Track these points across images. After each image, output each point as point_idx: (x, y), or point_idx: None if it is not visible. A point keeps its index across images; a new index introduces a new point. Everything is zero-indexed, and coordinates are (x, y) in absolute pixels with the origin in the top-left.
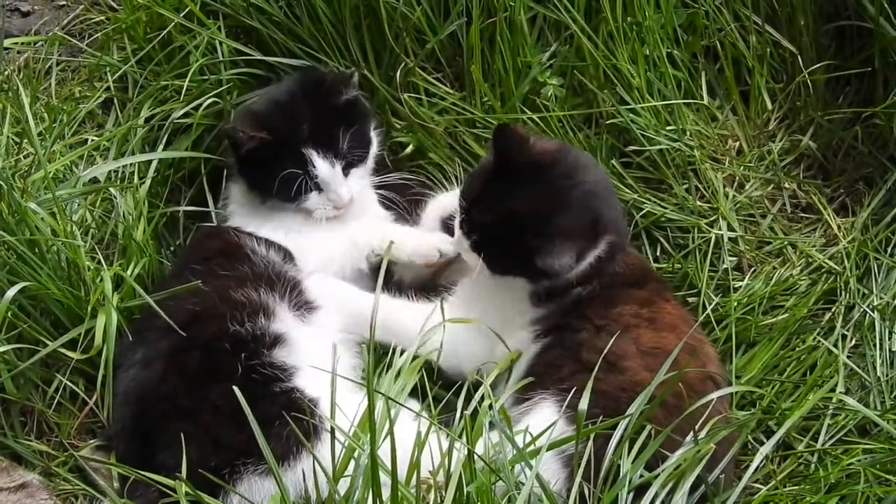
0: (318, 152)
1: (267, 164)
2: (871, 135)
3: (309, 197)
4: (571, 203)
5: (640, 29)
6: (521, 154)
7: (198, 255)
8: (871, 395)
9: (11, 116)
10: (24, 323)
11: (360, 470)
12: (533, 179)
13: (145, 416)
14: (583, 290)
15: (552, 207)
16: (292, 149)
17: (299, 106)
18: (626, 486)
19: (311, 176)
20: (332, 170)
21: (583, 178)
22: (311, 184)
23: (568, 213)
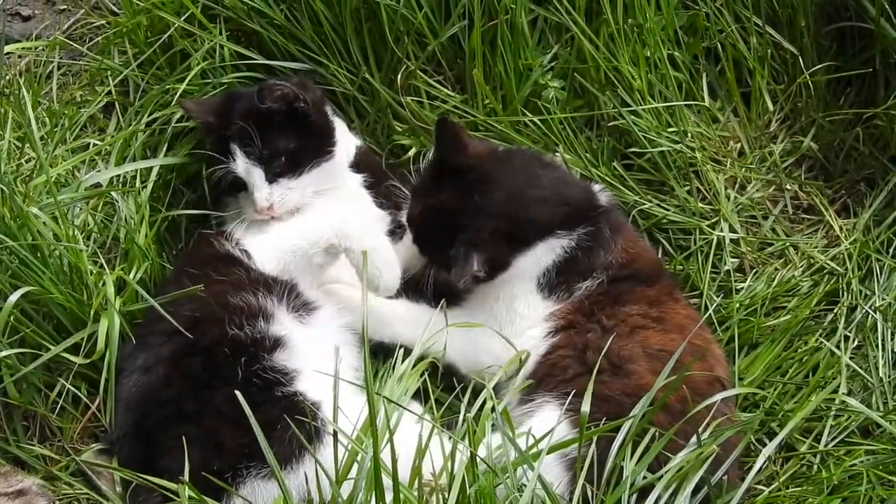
0: (241, 147)
1: (212, 159)
2: (873, 136)
3: (238, 196)
4: (487, 210)
5: (641, 31)
6: (454, 154)
7: (193, 261)
8: (874, 396)
9: (13, 121)
10: (26, 327)
11: (362, 473)
12: (457, 182)
13: (147, 420)
14: (590, 283)
15: (466, 214)
16: (223, 141)
17: (237, 104)
18: (627, 488)
19: (232, 170)
20: (249, 170)
21: (507, 185)
22: (237, 182)
23: (482, 220)
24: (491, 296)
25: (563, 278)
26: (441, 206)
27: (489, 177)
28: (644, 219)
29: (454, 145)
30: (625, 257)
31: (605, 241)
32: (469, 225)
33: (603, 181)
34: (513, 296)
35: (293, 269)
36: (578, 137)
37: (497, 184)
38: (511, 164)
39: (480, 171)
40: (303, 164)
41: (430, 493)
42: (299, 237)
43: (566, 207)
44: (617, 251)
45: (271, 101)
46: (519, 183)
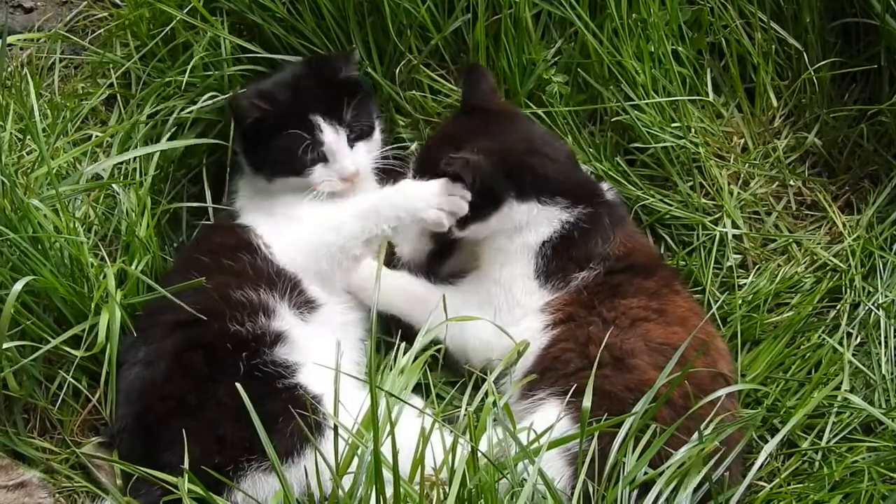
0: (325, 119)
1: (273, 136)
2: (877, 132)
3: (314, 170)
4: (495, 139)
5: (645, 25)
6: (481, 96)
7: (203, 249)
8: (876, 393)
9: (14, 113)
10: (27, 319)
11: (363, 467)
12: (479, 118)
13: (149, 414)
14: (587, 274)
15: (475, 136)
16: (299, 117)
17: (304, 82)
18: (629, 484)
19: (318, 142)
20: (337, 137)
21: (524, 130)
22: (317, 153)
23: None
24: (490, 278)
25: (560, 263)
26: (456, 130)
27: (510, 121)
28: (647, 214)
29: (483, 89)
30: (622, 250)
31: (603, 229)
32: (476, 144)
33: (606, 176)
34: (512, 279)
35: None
36: (581, 132)
37: (515, 129)
38: (533, 124)
39: (504, 115)
40: (368, 132)
41: (430, 488)
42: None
43: (570, 179)
44: (615, 244)
45: (347, 70)
46: (535, 138)
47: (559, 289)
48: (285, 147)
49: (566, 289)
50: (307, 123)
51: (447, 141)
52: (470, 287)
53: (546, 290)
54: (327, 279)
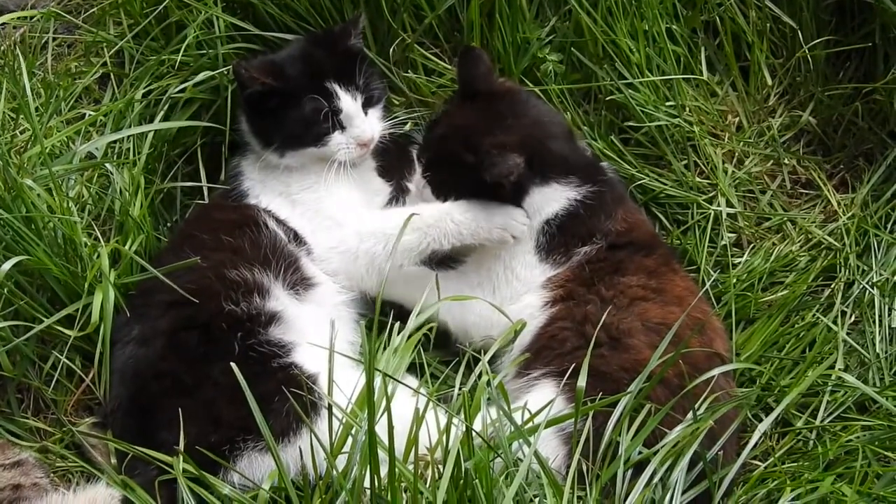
0: (341, 85)
1: (286, 107)
2: (872, 110)
3: (331, 137)
4: (513, 127)
5: (639, 4)
6: (483, 80)
7: (202, 226)
8: (871, 371)
9: (7, 92)
10: (20, 299)
11: (357, 446)
12: (486, 105)
13: (143, 393)
14: (589, 249)
15: (492, 126)
16: (314, 85)
17: (315, 52)
18: (622, 464)
19: (336, 110)
20: (354, 103)
21: (535, 113)
22: (335, 121)
23: (507, 132)
24: (490, 253)
25: (563, 239)
26: (467, 121)
27: (518, 105)
28: (641, 193)
29: (483, 72)
30: (623, 226)
31: (606, 205)
32: (497, 134)
33: (601, 155)
34: (512, 254)
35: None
36: (577, 111)
37: (526, 114)
38: (536, 102)
39: (509, 98)
40: (378, 98)
41: (425, 467)
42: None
43: (579, 157)
44: (617, 219)
45: (356, 35)
46: (545, 119)
47: (561, 264)
48: (301, 117)
49: (568, 264)
50: (323, 91)
51: (461, 133)
52: (470, 267)
53: (548, 265)
54: (361, 282)
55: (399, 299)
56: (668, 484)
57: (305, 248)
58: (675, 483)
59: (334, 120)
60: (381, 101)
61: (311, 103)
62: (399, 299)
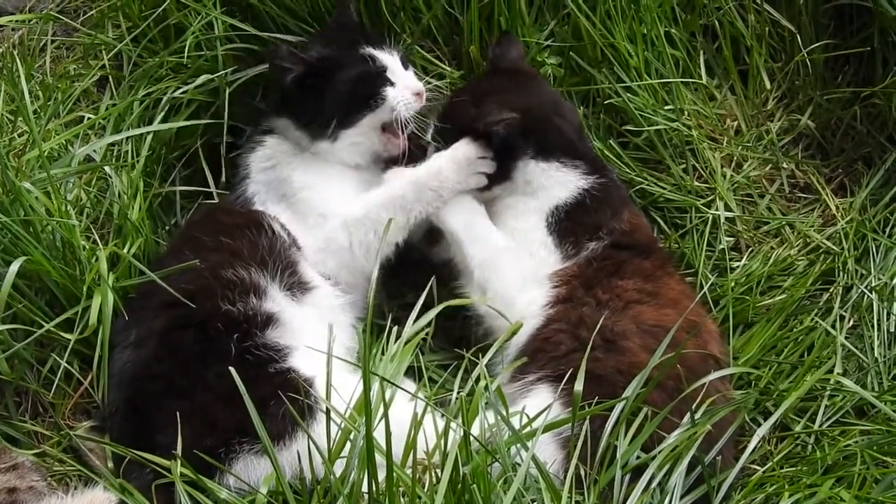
0: (375, 47)
1: (330, 82)
2: (870, 114)
3: (386, 92)
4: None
5: (638, 7)
6: (511, 60)
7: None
8: (869, 376)
9: (6, 94)
10: (18, 303)
11: (355, 451)
12: (508, 76)
13: (139, 396)
14: (596, 245)
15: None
16: (351, 55)
17: (338, 33)
18: (620, 468)
19: (381, 69)
20: (394, 59)
21: (551, 94)
22: (382, 79)
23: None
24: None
25: (571, 227)
26: (483, 86)
27: (537, 83)
28: (640, 197)
29: (512, 55)
30: (627, 226)
31: (613, 201)
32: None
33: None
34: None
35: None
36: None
37: (542, 90)
38: (557, 91)
39: (531, 76)
40: (407, 60)
41: (423, 472)
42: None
43: (588, 148)
44: (622, 219)
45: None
46: (560, 102)
47: (571, 256)
48: (349, 84)
49: (576, 258)
50: (363, 57)
51: (474, 95)
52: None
53: (559, 253)
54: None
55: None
56: (667, 488)
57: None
58: (674, 487)
59: (382, 77)
60: (408, 65)
61: (357, 66)
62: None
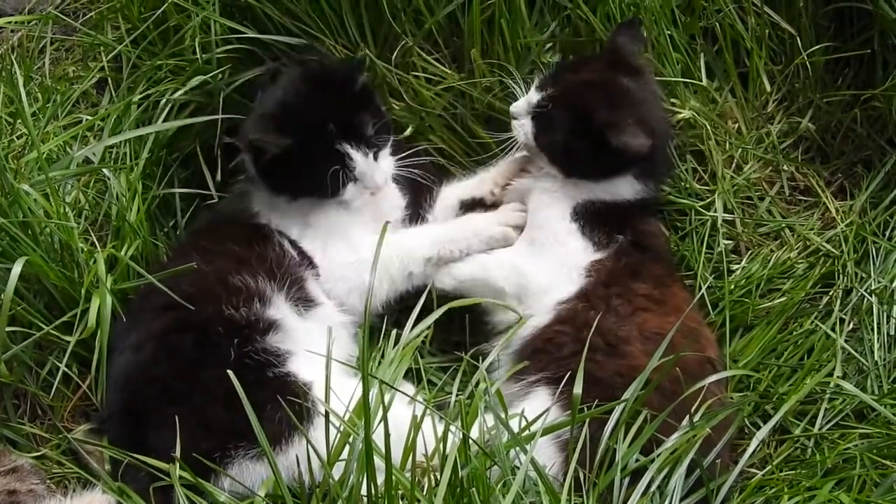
0: (352, 146)
1: (297, 166)
2: (870, 117)
3: (347, 189)
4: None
5: (639, 10)
6: (636, 55)
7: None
8: (869, 379)
9: (4, 96)
10: (17, 305)
11: (354, 454)
12: (632, 78)
13: (136, 398)
14: (624, 238)
15: (637, 104)
16: (324, 147)
17: (317, 102)
18: (620, 471)
19: (350, 169)
20: (366, 160)
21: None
22: (349, 176)
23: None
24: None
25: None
26: (612, 87)
27: (657, 94)
28: None
29: (635, 47)
30: (652, 229)
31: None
32: (641, 113)
33: None
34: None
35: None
36: None
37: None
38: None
39: (653, 84)
40: (386, 142)
41: (422, 475)
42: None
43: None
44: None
45: (361, 78)
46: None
47: (604, 246)
48: (315, 177)
49: (608, 252)
50: (336, 155)
51: (601, 93)
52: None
53: (590, 245)
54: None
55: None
56: (666, 491)
57: (314, 270)
58: (673, 490)
59: (348, 175)
60: (389, 141)
61: (325, 166)
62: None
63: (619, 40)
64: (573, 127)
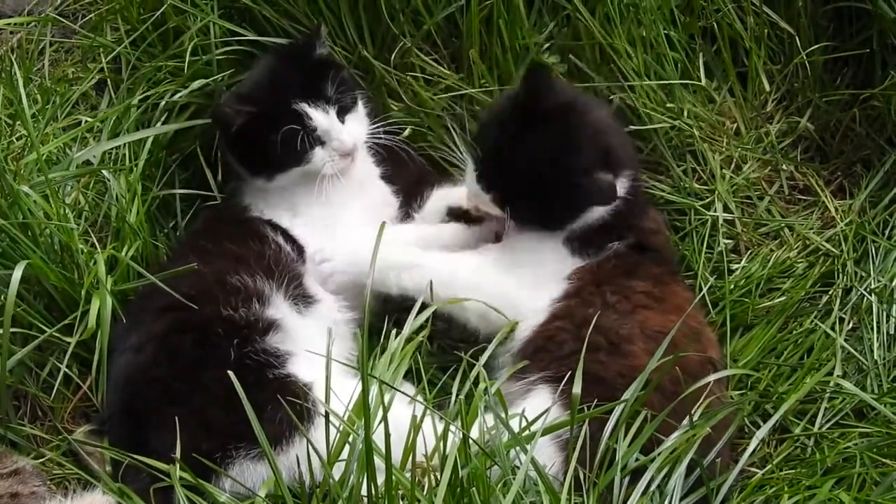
0: (309, 103)
1: (263, 137)
2: (869, 117)
3: (314, 153)
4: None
5: (637, 10)
6: (550, 97)
7: (210, 236)
8: (869, 378)
9: (4, 98)
10: (17, 306)
11: (354, 455)
12: (555, 123)
13: (136, 399)
14: (620, 244)
15: (576, 148)
16: (284, 110)
17: (279, 72)
18: (620, 470)
19: (309, 129)
20: (327, 117)
21: (600, 116)
22: (312, 139)
23: (589, 150)
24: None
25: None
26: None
27: (586, 111)
28: None
29: (549, 89)
30: (652, 225)
31: (642, 199)
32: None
33: None
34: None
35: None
36: None
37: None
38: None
39: (576, 106)
40: (352, 104)
41: (422, 475)
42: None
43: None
44: (648, 217)
45: (320, 47)
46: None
47: (592, 255)
48: (278, 143)
49: (598, 256)
50: (294, 113)
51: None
52: (492, 250)
53: (577, 258)
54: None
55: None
56: (666, 491)
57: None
58: (673, 490)
59: (311, 137)
60: (357, 104)
61: (286, 128)
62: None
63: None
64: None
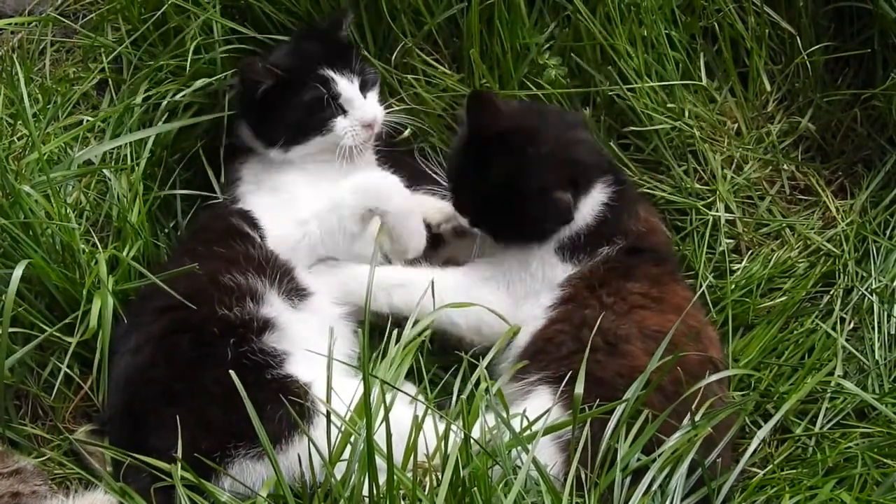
0: (336, 70)
1: (287, 100)
2: (870, 117)
3: (335, 122)
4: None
5: (639, 10)
6: (493, 123)
7: (200, 237)
8: (870, 378)
9: (5, 97)
10: (18, 306)
11: (356, 454)
12: (503, 148)
13: (136, 400)
14: (610, 249)
15: (530, 171)
16: (311, 75)
17: (307, 43)
18: (621, 470)
19: (334, 95)
20: (351, 85)
21: (553, 132)
22: (336, 106)
23: (543, 170)
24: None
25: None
26: (497, 180)
27: (534, 131)
28: None
29: (491, 115)
30: (645, 227)
31: (630, 202)
32: (536, 179)
33: None
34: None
35: (315, 241)
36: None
37: (545, 135)
38: (547, 115)
39: (523, 128)
40: (374, 81)
41: (423, 475)
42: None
43: (601, 153)
44: (639, 219)
45: (346, 26)
46: (563, 130)
47: (582, 262)
48: (301, 108)
49: (590, 262)
50: (320, 78)
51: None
52: (480, 265)
53: (569, 264)
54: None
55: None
56: (667, 491)
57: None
58: (674, 490)
59: (335, 105)
60: (377, 84)
61: (311, 91)
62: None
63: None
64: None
